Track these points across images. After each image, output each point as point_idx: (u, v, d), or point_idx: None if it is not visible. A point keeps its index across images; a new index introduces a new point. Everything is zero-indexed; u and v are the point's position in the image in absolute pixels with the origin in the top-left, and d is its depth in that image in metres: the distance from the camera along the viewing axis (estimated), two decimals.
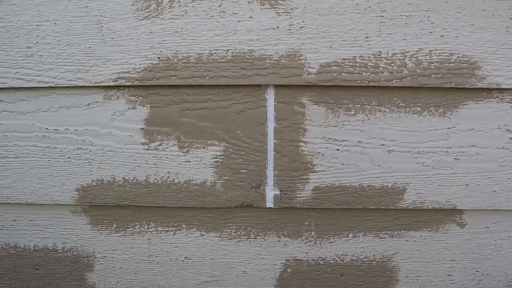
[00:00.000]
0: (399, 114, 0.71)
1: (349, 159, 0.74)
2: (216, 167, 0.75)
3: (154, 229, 0.83)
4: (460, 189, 0.75)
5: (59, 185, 0.79)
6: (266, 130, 0.73)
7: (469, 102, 0.70)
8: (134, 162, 0.76)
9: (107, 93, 0.73)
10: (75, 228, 0.84)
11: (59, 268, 0.87)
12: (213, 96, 0.72)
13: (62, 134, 0.75)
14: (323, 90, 0.71)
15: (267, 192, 0.76)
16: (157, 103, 0.73)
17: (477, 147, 0.72)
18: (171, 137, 0.74)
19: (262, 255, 0.83)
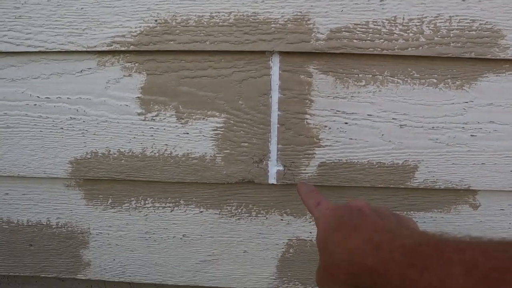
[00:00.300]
0: (413, 86, 0.66)
1: (358, 134, 0.69)
2: (216, 139, 0.71)
3: (151, 205, 0.79)
4: (475, 168, 0.70)
5: (52, 157, 0.75)
6: (270, 100, 0.68)
7: (490, 74, 0.65)
8: (130, 134, 0.72)
9: (101, 59, 0.69)
10: (69, 203, 0.81)
11: (54, 244, 0.85)
12: (214, 63, 0.67)
13: (54, 103, 0.71)
14: (332, 58, 0.66)
15: (270, 168, 0.72)
16: (154, 70, 0.68)
17: (495, 124, 0.68)
18: (168, 107, 0.70)
19: (264, 234, 0.80)
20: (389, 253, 0.35)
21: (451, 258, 0.30)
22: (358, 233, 0.40)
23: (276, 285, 0.85)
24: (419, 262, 0.32)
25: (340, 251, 0.41)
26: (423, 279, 0.31)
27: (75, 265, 0.87)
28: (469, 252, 0.30)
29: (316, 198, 0.55)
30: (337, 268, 0.41)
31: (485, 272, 0.28)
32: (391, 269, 0.34)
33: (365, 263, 0.37)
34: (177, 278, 0.86)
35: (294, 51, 0.65)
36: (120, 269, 0.86)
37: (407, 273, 0.32)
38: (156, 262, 0.85)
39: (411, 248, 0.34)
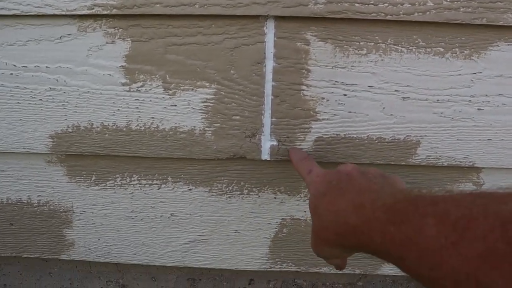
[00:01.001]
0: (418, 55, 0.62)
1: (357, 107, 0.65)
2: (206, 112, 0.67)
3: (137, 182, 0.75)
4: (481, 145, 0.67)
5: (31, 131, 0.70)
6: (264, 70, 0.63)
7: (501, 43, 0.61)
8: (114, 106, 0.68)
9: (81, 24, 0.63)
10: (50, 180, 0.77)
11: (35, 224, 0.81)
12: (204, 29, 0.62)
13: (32, 72, 0.66)
14: (331, 24, 0.61)
15: (263, 143, 0.68)
16: (139, 37, 0.63)
17: (504, 97, 0.64)
18: (155, 77, 0.65)
19: (256, 213, 0.77)
20: (371, 213, 0.38)
21: (425, 211, 0.32)
22: (344, 196, 0.43)
23: (269, 266, 0.82)
24: (397, 218, 0.34)
25: (328, 213, 0.44)
26: (400, 231, 0.33)
27: (58, 245, 0.83)
28: (441, 204, 0.32)
29: (308, 165, 0.57)
30: (326, 230, 0.44)
31: (455, 220, 0.30)
32: (373, 227, 0.37)
33: (349, 223, 0.40)
34: (165, 259, 0.83)
35: (290, 15, 0.59)
36: (106, 249, 0.83)
37: (387, 229, 0.35)
38: (143, 242, 0.81)
39: (391, 206, 0.36)
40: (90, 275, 0.95)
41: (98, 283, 0.95)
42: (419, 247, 0.31)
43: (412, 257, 0.32)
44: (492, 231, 0.27)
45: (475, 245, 0.27)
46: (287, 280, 0.93)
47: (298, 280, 0.93)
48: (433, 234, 0.30)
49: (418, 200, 0.34)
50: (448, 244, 0.29)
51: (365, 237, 0.38)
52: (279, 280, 0.93)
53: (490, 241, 0.27)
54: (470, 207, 0.30)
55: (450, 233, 0.29)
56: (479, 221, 0.28)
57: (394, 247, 0.34)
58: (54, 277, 0.95)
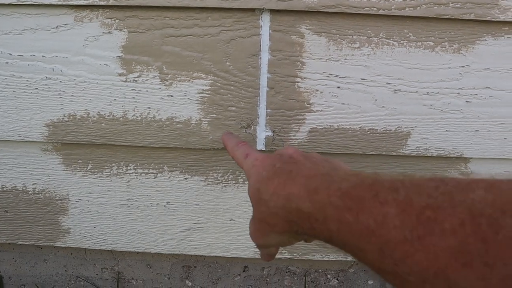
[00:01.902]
0: (409, 49, 0.64)
1: (350, 99, 0.66)
2: (202, 103, 0.68)
3: (133, 171, 0.76)
4: (469, 136, 0.69)
5: (27, 119, 0.71)
6: (259, 62, 0.65)
7: (488, 37, 0.63)
8: (110, 96, 0.68)
9: (78, 14, 0.64)
10: (46, 168, 0.77)
11: (31, 211, 0.82)
12: (200, 21, 0.63)
13: (28, 61, 0.66)
14: (325, 18, 0.62)
15: (258, 133, 0.69)
16: (136, 28, 0.64)
17: (491, 89, 0.66)
18: (151, 67, 0.66)
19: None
20: (326, 197, 0.34)
21: (386, 199, 0.30)
22: (293, 179, 0.39)
23: None
24: (354, 205, 0.31)
25: (276, 198, 0.39)
26: (359, 221, 0.30)
27: (53, 233, 0.84)
28: (403, 191, 0.29)
29: (244, 149, 0.52)
30: (275, 216, 0.40)
31: (419, 211, 0.27)
32: (328, 213, 0.33)
33: (302, 209, 0.36)
34: (160, 247, 0.84)
35: (285, 9, 0.61)
36: (101, 237, 0.84)
37: (344, 218, 0.32)
38: (138, 230, 0.82)
39: (347, 191, 0.33)
40: (86, 262, 0.95)
41: (93, 270, 0.96)
42: (381, 239, 0.29)
43: (373, 249, 0.29)
44: (462, 225, 0.25)
45: (444, 240, 0.25)
46: (280, 267, 0.95)
47: (292, 267, 0.95)
48: (396, 225, 0.28)
49: (376, 185, 0.31)
50: (413, 238, 0.27)
51: (319, 225, 0.35)
52: (273, 267, 0.95)
53: (460, 236, 0.25)
54: (435, 195, 0.27)
55: (415, 225, 0.27)
56: (446, 212, 0.26)
57: (353, 238, 0.31)
58: (49, 264, 0.96)
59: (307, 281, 0.96)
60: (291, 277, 0.96)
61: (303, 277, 0.96)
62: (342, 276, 0.96)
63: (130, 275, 0.96)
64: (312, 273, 0.96)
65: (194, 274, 0.96)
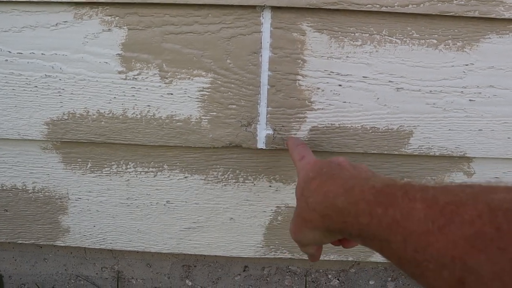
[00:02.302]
0: (411, 47, 0.63)
1: (352, 97, 0.66)
2: (203, 101, 0.67)
3: (133, 169, 0.76)
4: (472, 135, 0.68)
5: (26, 117, 0.70)
6: (260, 60, 0.64)
7: (492, 35, 0.62)
8: (110, 94, 0.68)
9: (78, 11, 0.63)
10: (46, 166, 0.77)
11: (30, 210, 0.81)
12: (201, 18, 0.62)
13: (27, 58, 0.66)
14: (327, 15, 0.61)
15: (259, 131, 0.68)
16: (136, 25, 0.63)
17: (495, 88, 0.65)
18: (151, 65, 0.65)
19: (251, 201, 0.77)
20: (360, 194, 0.38)
21: (414, 196, 0.32)
22: (334, 180, 0.43)
23: (263, 253, 0.83)
24: (385, 201, 0.35)
25: (316, 195, 0.44)
26: (387, 214, 0.33)
27: (53, 232, 0.83)
28: (431, 191, 0.32)
29: (301, 152, 0.57)
30: (312, 211, 0.44)
31: (443, 206, 0.30)
32: (360, 208, 0.37)
33: (337, 204, 0.40)
34: (160, 246, 0.84)
35: (287, 6, 0.60)
36: (101, 236, 0.83)
37: (374, 211, 0.35)
38: (138, 229, 0.82)
39: (380, 189, 0.36)
40: (85, 261, 0.95)
41: (93, 269, 0.96)
42: (406, 230, 0.31)
43: (397, 240, 0.32)
44: (480, 217, 0.27)
45: (463, 229, 0.28)
46: (281, 267, 0.94)
47: (292, 266, 0.94)
48: (421, 218, 0.30)
49: (408, 186, 0.34)
50: (435, 228, 0.29)
51: (351, 219, 0.38)
52: (273, 267, 0.94)
53: (478, 226, 0.27)
54: (460, 194, 0.30)
55: (437, 217, 0.29)
56: (467, 207, 0.28)
57: (381, 229, 0.34)
58: (49, 263, 0.96)
59: (307, 281, 0.95)
60: (291, 277, 0.95)
61: (303, 277, 0.95)
62: (343, 276, 0.95)
63: (130, 274, 0.96)
64: (313, 273, 0.95)
65: (194, 274, 0.95)
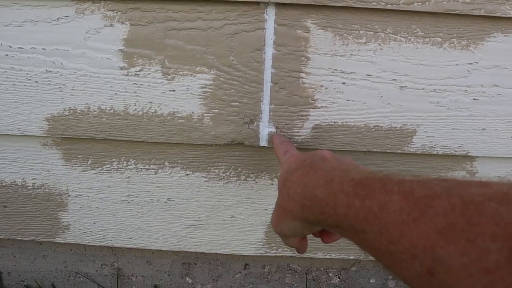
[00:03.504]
0: (416, 45, 0.62)
1: (355, 95, 0.65)
2: (205, 98, 0.67)
3: (134, 166, 0.75)
4: (476, 134, 0.68)
5: (27, 113, 0.70)
6: (263, 57, 0.63)
7: (497, 34, 0.61)
8: (112, 90, 0.67)
9: (79, 6, 0.62)
10: (46, 162, 0.76)
11: (30, 206, 0.81)
12: (204, 14, 0.62)
13: (28, 53, 0.65)
14: (331, 12, 0.61)
15: (261, 129, 0.68)
16: (138, 21, 0.63)
17: (499, 87, 0.64)
18: (154, 61, 0.65)
19: (253, 199, 0.77)
20: (339, 185, 0.38)
21: (391, 189, 0.33)
22: (315, 172, 0.44)
23: (264, 251, 0.83)
24: (363, 192, 0.35)
25: (296, 185, 0.44)
26: (364, 205, 0.34)
27: (53, 228, 0.83)
28: (407, 183, 0.33)
29: (286, 147, 0.58)
30: (292, 201, 0.44)
31: (418, 198, 0.31)
32: (339, 199, 0.37)
33: (316, 194, 0.40)
34: (160, 243, 0.83)
35: (291, 3, 0.59)
36: (101, 233, 0.83)
37: (352, 202, 0.36)
38: (138, 226, 0.81)
39: (359, 181, 0.37)
40: (85, 258, 0.95)
41: (93, 266, 0.95)
42: (381, 221, 0.32)
43: (373, 231, 0.33)
44: (453, 210, 0.28)
45: (435, 221, 0.28)
46: (282, 265, 0.94)
47: (293, 265, 0.94)
48: (396, 210, 0.31)
49: (386, 178, 0.35)
50: (409, 220, 0.30)
51: (329, 209, 0.38)
52: (274, 265, 0.94)
53: (450, 218, 0.28)
54: (435, 188, 0.31)
55: (412, 209, 0.30)
56: (441, 200, 0.29)
57: (357, 220, 0.35)
58: (48, 260, 0.95)
59: (308, 279, 0.95)
60: (292, 275, 0.95)
61: (304, 275, 0.95)
62: (344, 274, 0.95)
63: (130, 272, 0.96)
64: (314, 271, 0.95)
65: (194, 271, 0.95)
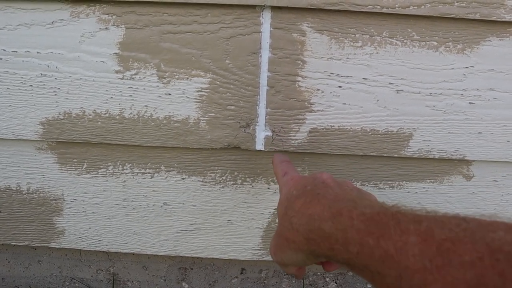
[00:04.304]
0: (412, 49, 0.62)
1: (352, 98, 0.65)
2: (201, 102, 0.66)
3: (130, 170, 0.75)
4: (472, 138, 0.68)
5: (21, 117, 0.69)
6: (260, 60, 0.63)
7: (493, 38, 0.62)
8: (107, 93, 0.67)
9: (74, 9, 0.62)
10: (40, 167, 0.75)
11: (25, 211, 0.80)
12: (200, 17, 0.61)
13: (22, 57, 0.65)
14: (327, 16, 0.61)
15: (258, 133, 0.68)
16: (133, 24, 0.62)
17: (495, 91, 0.65)
18: (149, 65, 0.64)
19: (249, 203, 0.77)
20: (349, 220, 0.36)
21: (408, 228, 0.31)
22: (319, 201, 0.41)
23: (261, 255, 0.82)
24: (377, 231, 0.33)
25: (300, 216, 0.41)
26: (379, 246, 0.32)
27: (48, 233, 0.82)
28: (425, 223, 0.31)
29: (284, 168, 0.55)
30: (295, 232, 0.41)
31: (439, 242, 0.29)
32: (350, 236, 0.35)
33: (323, 229, 0.38)
34: (156, 248, 0.83)
35: (287, 6, 0.59)
36: (97, 238, 0.82)
37: (365, 241, 0.33)
38: (134, 231, 0.81)
39: (371, 216, 0.34)
40: (80, 263, 0.94)
41: (88, 272, 0.95)
42: (401, 265, 0.30)
43: (391, 275, 0.31)
44: (481, 259, 0.26)
45: (463, 272, 0.26)
46: (278, 270, 0.93)
47: None
48: (416, 254, 0.29)
49: (399, 215, 0.33)
50: (433, 267, 0.28)
51: (339, 246, 0.36)
52: (271, 270, 0.94)
53: (479, 269, 0.26)
54: (456, 230, 0.29)
55: (435, 255, 0.28)
56: (466, 246, 0.27)
57: (373, 261, 0.32)
58: (43, 265, 0.95)
59: (305, 284, 0.95)
60: (289, 280, 0.94)
61: (301, 280, 0.94)
62: (341, 279, 0.95)
63: (126, 277, 0.95)
64: (311, 276, 0.94)
65: (190, 276, 0.94)
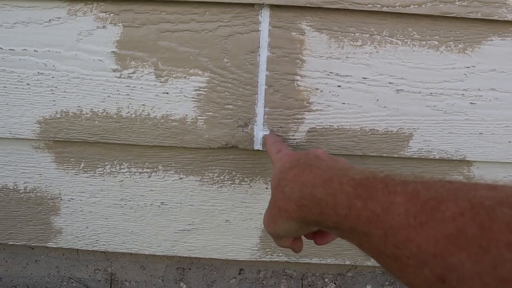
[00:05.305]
0: (412, 48, 0.62)
1: (351, 98, 0.64)
2: (199, 100, 0.66)
3: (127, 170, 0.74)
4: (473, 138, 0.67)
5: (18, 116, 0.69)
6: (258, 59, 0.63)
7: (494, 37, 0.61)
8: (104, 92, 0.66)
9: (72, 7, 0.62)
10: (38, 166, 0.75)
11: (22, 210, 0.80)
12: (198, 16, 0.61)
13: (19, 55, 0.64)
14: (327, 15, 0.60)
15: (256, 132, 0.67)
16: (131, 22, 0.62)
17: (496, 91, 0.64)
18: (147, 63, 0.64)
19: (247, 203, 0.76)
20: (339, 185, 0.37)
21: (395, 190, 0.32)
22: (312, 170, 0.43)
23: (259, 256, 0.82)
24: (365, 193, 0.34)
25: (293, 184, 0.43)
26: (367, 207, 0.33)
27: (45, 233, 0.82)
28: (412, 185, 0.32)
29: (278, 146, 0.57)
30: (288, 201, 0.43)
31: (424, 201, 0.30)
32: (339, 199, 0.36)
33: (315, 194, 0.39)
34: (154, 248, 0.82)
35: (286, 4, 0.59)
36: (94, 238, 0.82)
37: (353, 204, 0.34)
38: (132, 231, 0.80)
39: (360, 181, 0.36)
40: (78, 263, 0.93)
41: (85, 271, 0.94)
42: (386, 224, 0.31)
43: (377, 234, 0.32)
44: (462, 214, 0.27)
45: (444, 226, 0.27)
46: (277, 270, 0.93)
47: (288, 270, 0.93)
48: (401, 212, 0.30)
49: (388, 179, 0.34)
50: (416, 224, 0.29)
51: (329, 210, 0.37)
52: (269, 270, 0.93)
53: (459, 223, 0.27)
54: (440, 190, 0.30)
55: (419, 213, 0.29)
56: (449, 203, 0.28)
57: (360, 222, 0.33)
58: (41, 265, 0.94)
59: (304, 285, 0.94)
60: (287, 280, 0.94)
61: (300, 280, 0.94)
62: (340, 280, 0.94)
63: (124, 277, 0.94)
64: (309, 277, 0.94)
65: (188, 276, 0.94)
